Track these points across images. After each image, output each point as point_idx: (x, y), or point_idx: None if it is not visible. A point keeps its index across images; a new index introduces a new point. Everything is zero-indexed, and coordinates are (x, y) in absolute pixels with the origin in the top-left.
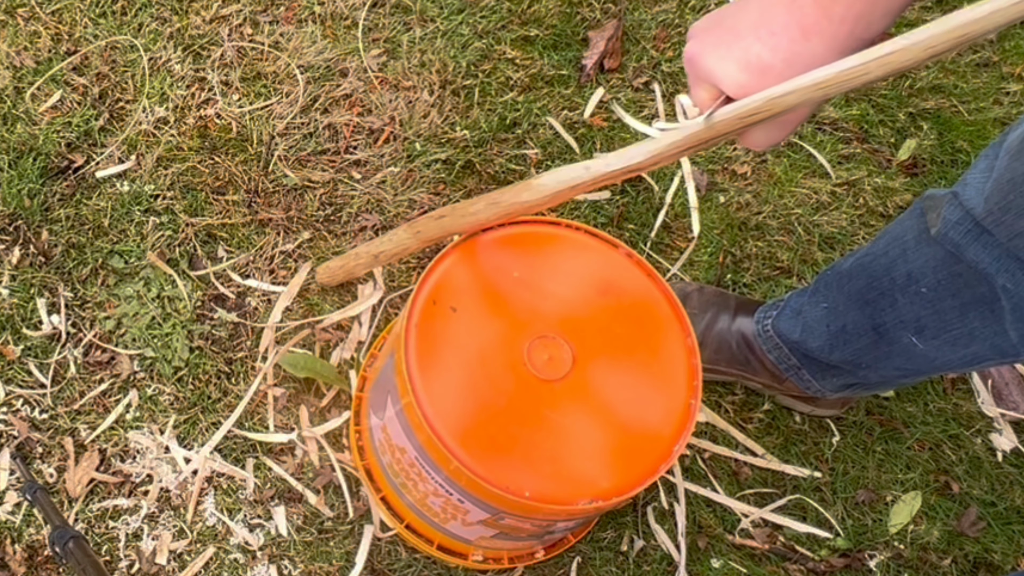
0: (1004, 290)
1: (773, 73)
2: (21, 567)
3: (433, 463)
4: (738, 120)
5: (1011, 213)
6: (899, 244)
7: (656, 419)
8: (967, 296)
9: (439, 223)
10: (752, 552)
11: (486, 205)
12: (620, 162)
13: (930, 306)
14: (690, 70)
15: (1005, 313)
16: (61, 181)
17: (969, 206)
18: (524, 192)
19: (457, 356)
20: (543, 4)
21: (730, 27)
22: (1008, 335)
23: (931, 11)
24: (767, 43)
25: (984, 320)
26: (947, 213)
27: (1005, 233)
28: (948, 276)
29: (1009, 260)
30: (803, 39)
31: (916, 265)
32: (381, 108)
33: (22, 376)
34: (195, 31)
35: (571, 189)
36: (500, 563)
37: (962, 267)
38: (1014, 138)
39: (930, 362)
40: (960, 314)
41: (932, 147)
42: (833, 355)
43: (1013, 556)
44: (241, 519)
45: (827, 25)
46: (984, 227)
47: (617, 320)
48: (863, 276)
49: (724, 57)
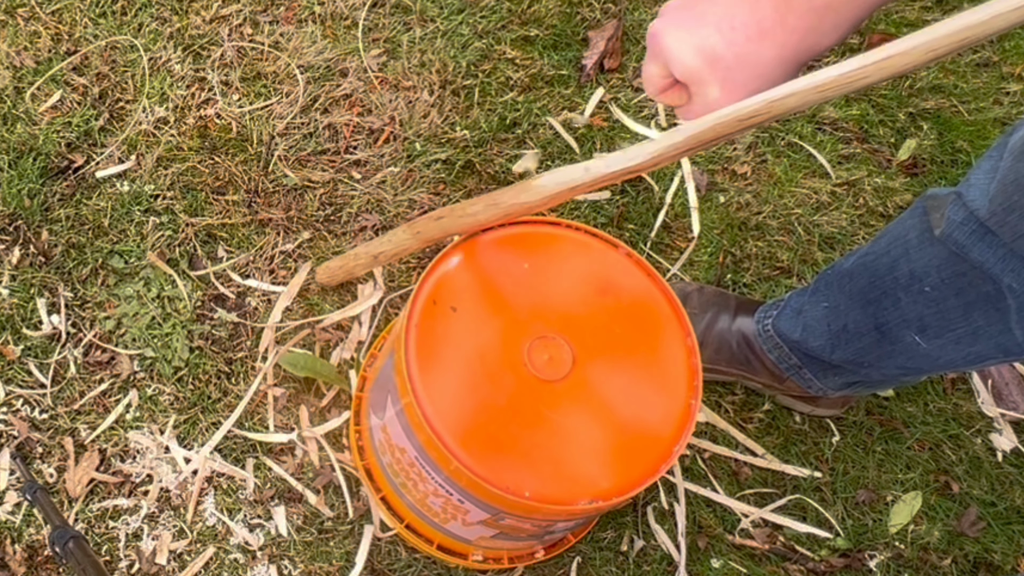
0: (1010, 289)
1: (721, 65)
2: (21, 567)
3: (433, 463)
4: (738, 122)
5: (1015, 214)
6: (901, 243)
7: (656, 419)
8: (971, 295)
9: (438, 224)
10: (752, 552)
11: (485, 206)
12: (620, 163)
13: (934, 305)
14: (650, 44)
15: (1010, 312)
16: (61, 181)
17: (973, 207)
18: (523, 193)
19: (457, 356)
20: (543, 4)
21: (698, 13)
22: (1013, 333)
23: (931, 11)
24: (726, 36)
25: (989, 319)
26: (951, 213)
27: (1009, 233)
28: (952, 275)
29: (1014, 260)
30: (758, 39)
31: (919, 264)
32: (381, 108)
33: (22, 376)
34: (195, 31)
35: (570, 190)
36: (500, 563)
37: (966, 267)
38: (1017, 139)
39: (933, 361)
40: (964, 313)
41: (932, 147)
42: (835, 354)
43: (1013, 556)
44: (241, 519)
45: (780, 32)
46: (988, 227)
47: (617, 320)
48: (865, 275)
49: (683, 40)
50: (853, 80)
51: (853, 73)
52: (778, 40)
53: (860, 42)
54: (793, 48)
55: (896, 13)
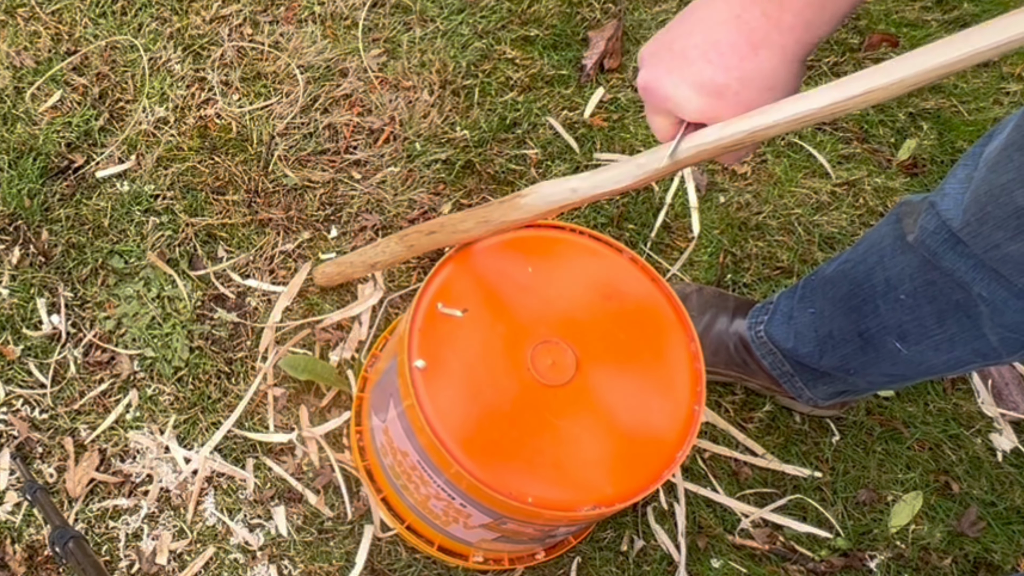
0: (980, 297)
1: (729, 93)
2: (21, 567)
3: (435, 467)
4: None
5: (988, 225)
6: (876, 251)
7: (659, 425)
8: (943, 303)
9: (431, 238)
10: (752, 552)
11: (476, 223)
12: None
13: (910, 312)
14: (646, 99)
15: (983, 318)
16: (61, 181)
17: (946, 217)
18: (513, 211)
19: (460, 360)
20: (543, 4)
21: (679, 51)
22: (988, 339)
23: (931, 11)
24: (718, 64)
25: (962, 325)
26: (924, 221)
27: (981, 245)
28: (924, 283)
29: (984, 270)
30: (752, 54)
31: (893, 272)
32: (381, 108)
33: (22, 376)
34: (195, 31)
35: (559, 208)
36: (501, 564)
37: (937, 274)
38: (992, 149)
39: (916, 367)
40: (938, 320)
41: (932, 147)
42: (823, 361)
43: (1013, 556)
44: (241, 519)
45: (776, 36)
46: (960, 238)
47: (621, 325)
48: (845, 282)
49: (678, 84)
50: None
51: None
52: (776, 45)
53: (860, 42)
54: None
55: (896, 13)
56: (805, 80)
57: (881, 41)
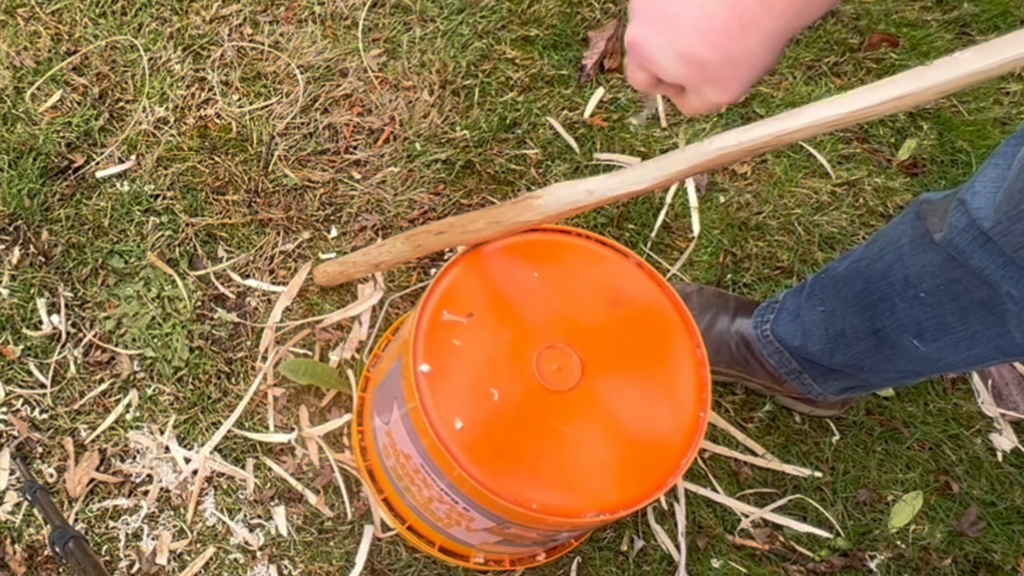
0: (1009, 296)
1: (710, 68)
2: (21, 567)
3: (438, 470)
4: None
5: (1021, 223)
6: (894, 249)
7: (664, 431)
8: (966, 300)
9: (439, 238)
10: (752, 552)
11: (487, 223)
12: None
13: (930, 310)
14: (631, 54)
15: (1008, 316)
16: (61, 181)
17: (977, 215)
18: (525, 212)
19: (465, 364)
20: (543, 4)
21: (672, 15)
22: (1012, 336)
23: (931, 11)
24: (707, 39)
25: (986, 323)
26: (953, 219)
27: (1012, 244)
28: (946, 281)
29: (1014, 268)
30: (742, 35)
31: (913, 270)
32: (381, 108)
33: (22, 376)
34: (195, 31)
35: (572, 210)
36: (501, 565)
37: (962, 272)
38: None
39: (933, 363)
40: (961, 318)
41: (932, 147)
42: (834, 359)
43: (1013, 556)
44: (241, 519)
45: (767, 20)
46: (989, 236)
47: (627, 330)
48: (859, 280)
49: (664, 48)
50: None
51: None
52: (763, 28)
53: (860, 42)
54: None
55: (896, 13)
56: (805, 82)
57: (881, 41)
